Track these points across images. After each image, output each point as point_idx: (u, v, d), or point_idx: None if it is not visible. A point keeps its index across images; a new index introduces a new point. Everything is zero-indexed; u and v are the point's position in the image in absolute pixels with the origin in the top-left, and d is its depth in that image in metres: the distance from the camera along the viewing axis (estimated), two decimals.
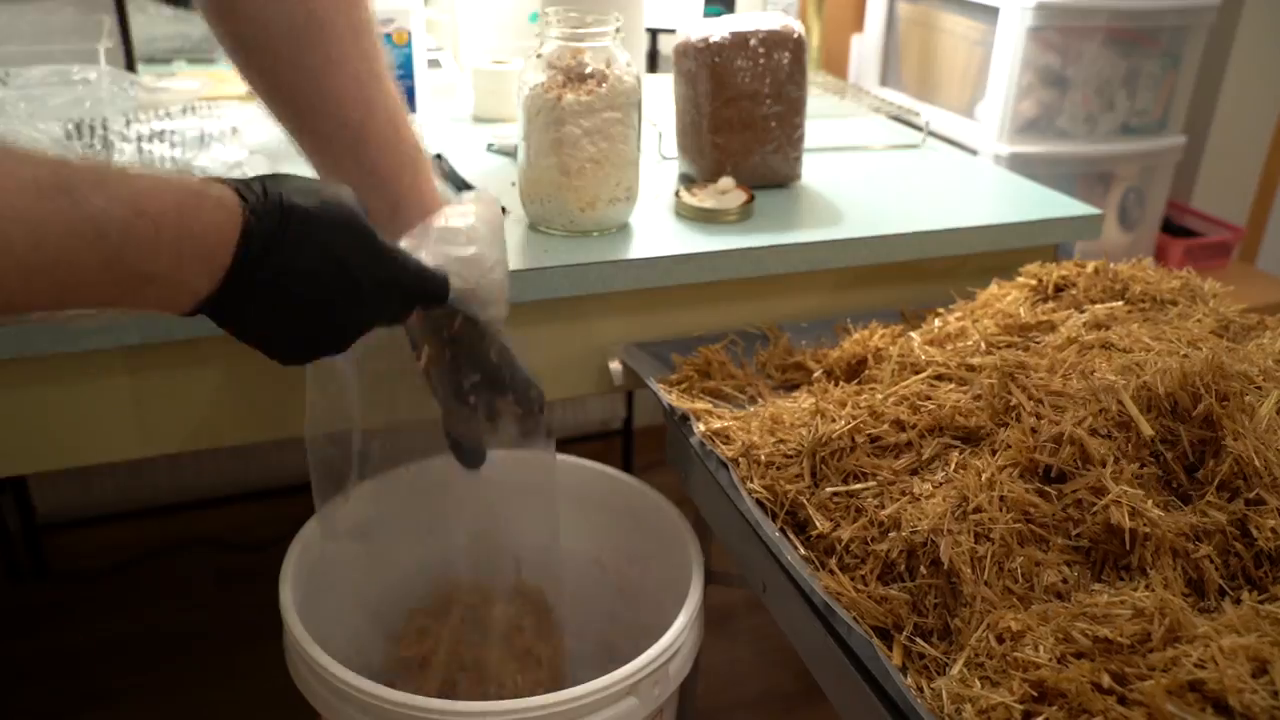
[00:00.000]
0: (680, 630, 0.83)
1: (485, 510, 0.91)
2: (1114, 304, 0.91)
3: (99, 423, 0.86)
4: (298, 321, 0.60)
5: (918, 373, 0.83)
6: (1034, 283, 0.97)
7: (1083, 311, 0.90)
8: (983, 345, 0.86)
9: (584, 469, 1.07)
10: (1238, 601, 0.61)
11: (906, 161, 1.30)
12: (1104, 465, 0.67)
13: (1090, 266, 0.98)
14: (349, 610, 0.96)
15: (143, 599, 1.64)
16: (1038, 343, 0.86)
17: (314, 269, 0.59)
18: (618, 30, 0.95)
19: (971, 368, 0.82)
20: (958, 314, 0.96)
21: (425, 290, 0.68)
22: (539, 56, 0.95)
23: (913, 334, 0.92)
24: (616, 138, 0.96)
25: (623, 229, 1.02)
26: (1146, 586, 0.60)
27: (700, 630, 0.89)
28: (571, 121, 0.93)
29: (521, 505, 0.90)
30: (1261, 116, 2.05)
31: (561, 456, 1.06)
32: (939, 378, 0.82)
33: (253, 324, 0.60)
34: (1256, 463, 0.65)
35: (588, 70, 0.94)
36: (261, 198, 0.57)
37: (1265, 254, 2.19)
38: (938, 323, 0.94)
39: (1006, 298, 0.96)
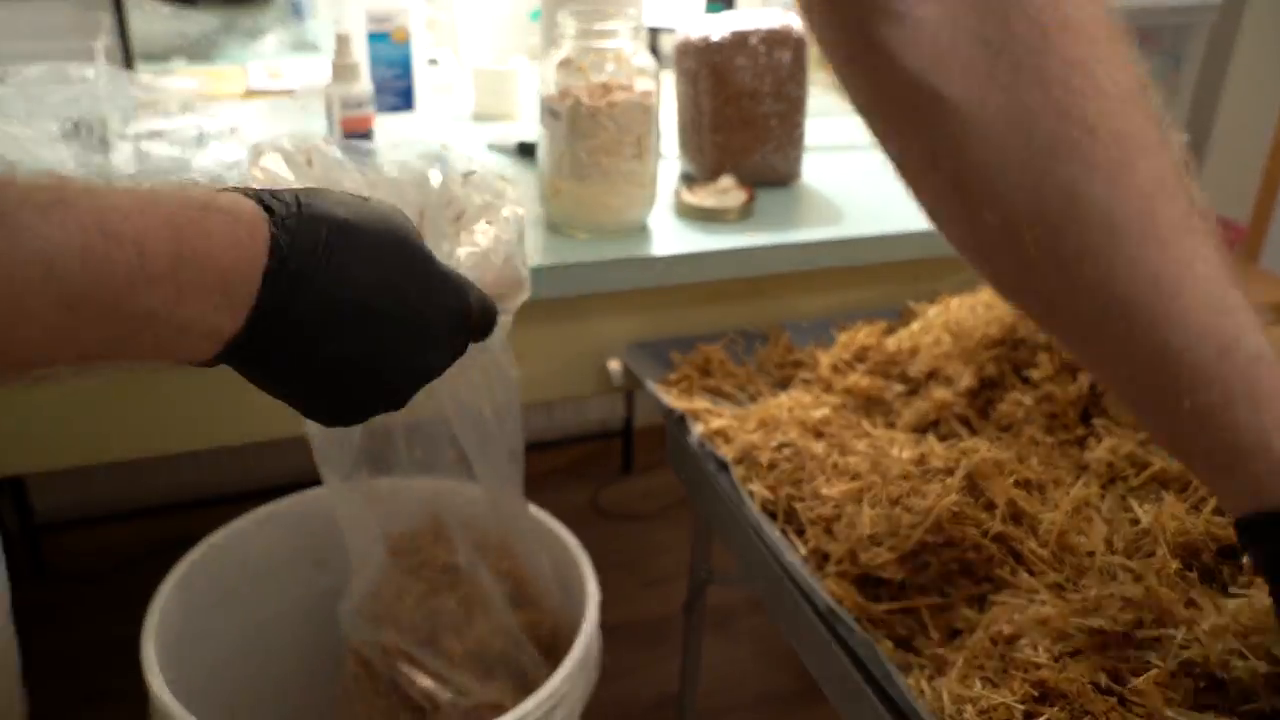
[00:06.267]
0: (559, 682, 0.80)
1: None
2: None
3: (98, 423, 0.86)
4: (349, 369, 0.48)
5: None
6: None
7: None
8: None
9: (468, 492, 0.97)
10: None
11: None
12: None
13: None
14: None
15: (143, 599, 1.63)
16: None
17: (365, 299, 0.46)
18: (636, 30, 0.94)
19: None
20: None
21: (486, 320, 0.55)
22: (562, 60, 0.94)
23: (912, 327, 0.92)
24: (646, 144, 0.96)
25: (641, 228, 1.03)
26: (1135, 579, 0.60)
27: (591, 674, 0.85)
28: (604, 131, 0.93)
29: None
30: (1264, 115, 2.05)
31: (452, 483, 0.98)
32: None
33: (292, 374, 0.47)
34: None
35: (610, 71, 0.93)
36: (294, 208, 0.45)
37: (1268, 253, 2.18)
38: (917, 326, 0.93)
39: None
